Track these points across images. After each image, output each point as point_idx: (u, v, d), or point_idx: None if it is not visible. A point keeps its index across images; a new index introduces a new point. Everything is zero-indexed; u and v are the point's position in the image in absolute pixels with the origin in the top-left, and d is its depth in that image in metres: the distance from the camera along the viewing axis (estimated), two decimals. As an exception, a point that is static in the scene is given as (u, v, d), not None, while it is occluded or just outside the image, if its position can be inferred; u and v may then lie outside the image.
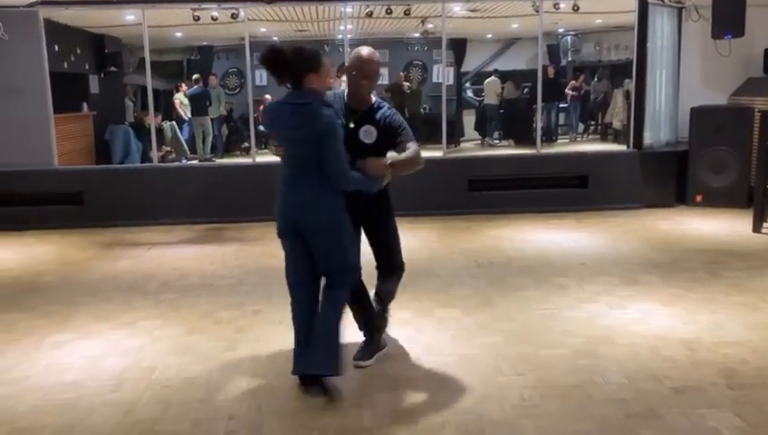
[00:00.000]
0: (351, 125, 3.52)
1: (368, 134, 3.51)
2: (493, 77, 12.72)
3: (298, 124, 3.25)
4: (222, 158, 11.43)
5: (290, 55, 3.26)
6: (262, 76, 14.02)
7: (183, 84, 11.79)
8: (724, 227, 7.02)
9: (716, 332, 4.10)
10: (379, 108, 3.60)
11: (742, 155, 7.80)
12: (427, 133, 10.64)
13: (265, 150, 12.66)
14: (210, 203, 7.87)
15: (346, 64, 3.70)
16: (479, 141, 12.55)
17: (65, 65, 9.76)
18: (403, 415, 3.17)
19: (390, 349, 3.95)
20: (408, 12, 8.87)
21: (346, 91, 3.65)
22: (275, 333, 4.24)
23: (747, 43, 8.19)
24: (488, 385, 3.45)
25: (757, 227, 6.72)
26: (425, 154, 3.80)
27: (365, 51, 3.56)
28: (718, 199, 7.89)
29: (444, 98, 8.93)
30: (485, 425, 3.05)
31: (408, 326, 4.33)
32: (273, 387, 3.49)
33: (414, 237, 6.90)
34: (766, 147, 6.74)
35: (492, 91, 12.50)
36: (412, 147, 3.54)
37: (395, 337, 4.14)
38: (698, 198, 8.04)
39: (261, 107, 12.69)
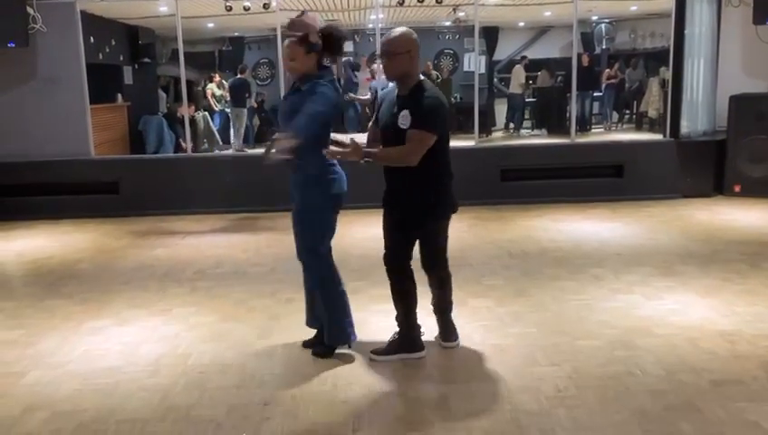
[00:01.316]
0: (395, 110, 3.47)
1: (404, 119, 3.39)
2: (517, 66, 12.52)
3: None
4: (253, 148, 11.50)
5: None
6: (293, 66, 14.09)
7: (216, 75, 11.88)
8: (763, 217, 6.85)
9: (757, 324, 4.01)
10: (417, 93, 3.42)
11: (783, 144, 7.61)
12: (459, 123, 10.58)
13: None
14: (243, 192, 7.92)
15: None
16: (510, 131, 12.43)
17: (100, 57, 9.91)
18: (437, 404, 3.16)
19: (423, 339, 3.94)
20: (440, 0, 8.80)
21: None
22: (308, 322, 4.26)
23: (790, 28, 7.96)
24: (522, 376, 3.42)
25: (799, 218, 6.56)
26: (457, 144, 3.77)
27: (389, 35, 3.49)
28: (757, 189, 7.71)
29: (476, 87, 8.85)
30: (521, 415, 3.03)
31: (441, 316, 4.31)
32: (308, 374, 3.51)
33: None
34: (809, 135, 6.57)
35: (515, 80, 12.32)
36: (407, 143, 3.39)
37: (429, 327, 4.12)
38: (737, 188, 7.86)
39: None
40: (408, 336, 3.72)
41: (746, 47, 8.37)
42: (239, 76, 11.30)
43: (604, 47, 13.15)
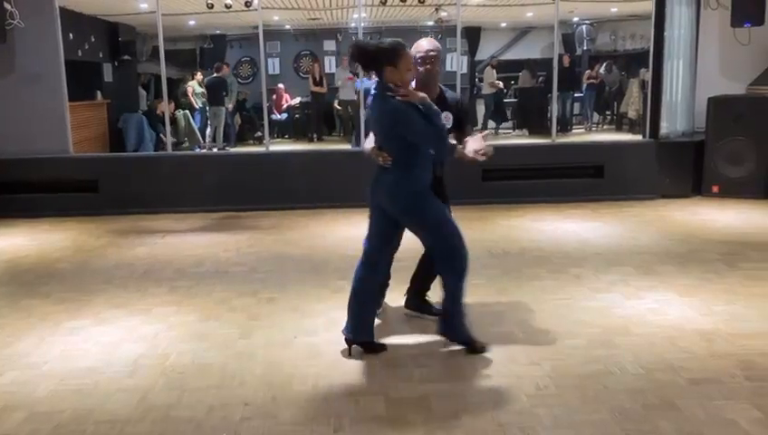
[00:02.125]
0: None
1: (447, 120, 3.64)
2: (487, 67, 12.62)
3: (372, 113, 3.59)
4: (235, 147, 11.45)
5: (370, 50, 3.46)
6: (275, 65, 14.05)
7: (198, 73, 11.81)
8: (741, 217, 6.94)
9: (734, 323, 4.06)
10: (445, 93, 3.83)
11: (760, 145, 7.70)
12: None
13: (278, 139, 12.74)
14: (224, 191, 7.88)
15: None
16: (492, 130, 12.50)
17: (80, 53, 9.81)
18: (417, 403, 3.16)
19: (405, 338, 3.95)
20: (422, 0, 8.81)
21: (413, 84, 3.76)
22: (290, 321, 4.25)
23: (767, 31, 8.07)
24: (503, 375, 3.43)
25: (775, 219, 6.66)
26: None
27: (429, 43, 3.77)
28: (735, 190, 7.81)
29: (458, 87, 8.87)
30: (501, 414, 3.04)
31: (424, 315, 4.31)
32: (289, 375, 3.49)
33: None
34: (785, 137, 6.66)
35: (485, 81, 12.39)
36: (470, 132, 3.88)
37: (409, 326, 4.14)
38: (715, 189, 7.96)
39: (274, 96, 12.76)
40: None
41: (724, 49, 8.47)
42: (216, 75, 11.24)
43: (585, 48, 13.26)
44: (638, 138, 8.81)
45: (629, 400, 3.14)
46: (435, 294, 4.14)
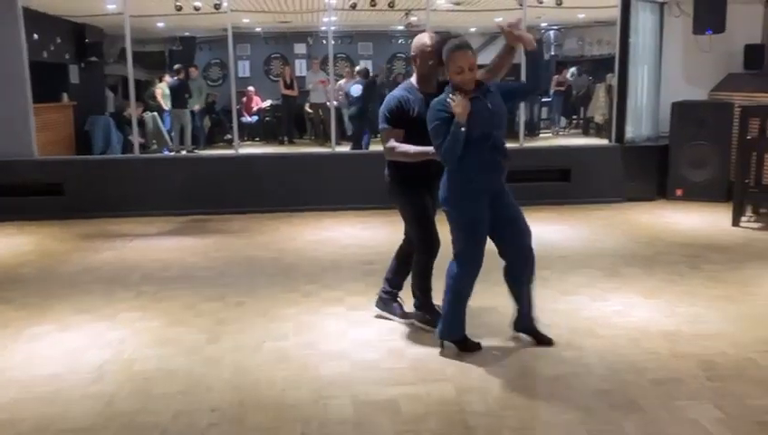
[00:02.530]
0: None
1: None
2: None
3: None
4: (205, 149, 11.35)
5: None
6: (245, 68, 13.98)
7: (166, 75, 11.69)
8: (703, 220, 7.09)
9: (696, 324, 4.15)
10: (442, 84, 3.79)
11: (721, 150, 7.87)
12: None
13: (248, 142, 12.67)
14: (193, 195, 7.81)
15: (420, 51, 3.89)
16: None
17: (45, 54, 9.64)
18: (385, 406, 3.17)
19: (372, 341, 3.96)
20: (392, 4, 8.86)
21: (414, 80, 3.89)
22: (258, 326, 4.23)
23: (727, 39, 8.26)
24: (471, 377, 3.46)
25: (736, 221, 6.81)
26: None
27: (429, 39, 3.83)
28: (698, 194, 7.97)
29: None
30: (468, 417, 3.06)
31: (392, 318, 4.33)
32: (257, 380, 3.47)
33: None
34: (745, 142, 6.82)
35: None
36: None
37: (378, 330, 4.15)
38: (678, 193, 8.11)
39: (244, 99, 12.69)
40: None
41: (687, 56, 8.66)
42: (178, 78, 11.13)
43: (553, 53, 13.42)
44: (605, 142, 8.94)
45: (595, 400, 3.19)
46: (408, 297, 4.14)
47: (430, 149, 3.65)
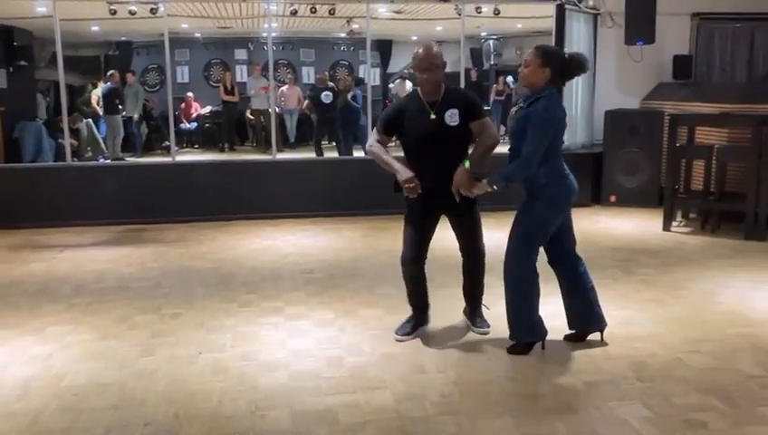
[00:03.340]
0: (433, 116, 3.84)
1: (452, 117, 3.83)
2: (398, 79, 12.87)
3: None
4: (142, 157, 11.09)
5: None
6: (184, 73, 13.74)
7: (101, 80, 11.38)
8: (636, 225, 7.32)
9: (628, 326, 4.27)
10: (450, 91, 3.93)
11: (653, 157, 8.16)
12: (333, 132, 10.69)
13: (187, 149, 12.43)
14: (128, 203, 7.61)
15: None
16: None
17: (-31, 58, 9.24)
18: (323, 415, 3.15)
19: (312, 350, 3.93)
20: (332, 11, 8.84)
21: (420, 88, 3.94)
22: (195, 337, 4.14)
23: (658, 49, 8.58)
24: (410, 383, 3.47)
25: (667, 226, 7.05)
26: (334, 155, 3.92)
27: (419, 50, 3.86)
28: (631, 199, 8.23)
29: (369, 98, 8.95)
30: (406, 423, 3.07)
31: (331, 327, 4.31)
32: (192, 392, 3.40)
33: (339, 238, 6.89)
34: (675, 149, 7.08)
35: (398, 93, 12.48)
36: (486, 125, 3.99)
37: (317, 339, 4.12)
38: (612, 199, 8.36)
39: (183, 105, 12.46)
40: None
41: (619, 65, 8.95)
42: (109, 84, 10.85)
43: (492, 63, 13.66)
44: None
45: (530, 403, 3.24)
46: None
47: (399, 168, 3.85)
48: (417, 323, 4.14)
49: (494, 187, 3.77)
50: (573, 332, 4.03)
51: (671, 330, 4.20)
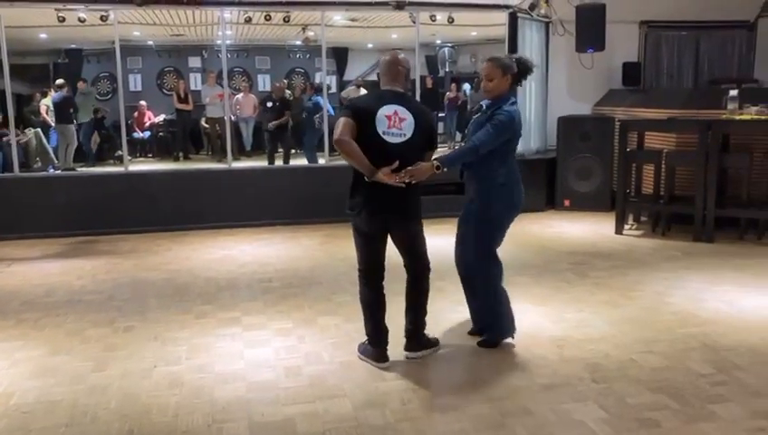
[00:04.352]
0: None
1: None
2: (353, 87, 12.90)
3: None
4: (94, 167, 10.84)
5: None
6: (137, 81, 13.51)
7: (51, 90, 11.09)
8: (589, 229, 7.46)
9: (583, 329, 4.34)
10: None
11: (604, 162, 8.34)
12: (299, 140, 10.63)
13: (140, 158, 12.21)
14: (80, 215, 7.43)
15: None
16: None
17: None
18: (282, 426, 3.12)
19: (270, 361, 3.89)
20: (287, 19, 8.81)
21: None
22: (149, 350, 4.06)
23: (608, 56, 8.78)
24: (369, 391, 3.46)
25: (619, 229, 7.20)
26: (297, 162, 3.87)
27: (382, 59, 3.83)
28: (584, 204, 8.39)
29: (325, 106, 8.94)
30: (365, 431, 3.06)
31: (290, 336, 4.28)
32: (147, 406, 3.33)
33: (297, 246, 6.85)
34: (625, 154, 7.25)
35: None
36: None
37: (275, 349, 4.08)
38: (566, 203, 8.51)
39: (135, 113, 12.24)
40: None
41: (571, 72, 9.12)
42: (61, 92, 10.60)
43: (447, 70, 13.78)
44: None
45: (488, 407, 3.27)
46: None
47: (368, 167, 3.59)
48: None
49: (442, 168, 3.71)
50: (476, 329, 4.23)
51: (624, 331, 4.29)
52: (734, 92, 7.02)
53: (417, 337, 3.91)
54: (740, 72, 9.52)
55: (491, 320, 4.06)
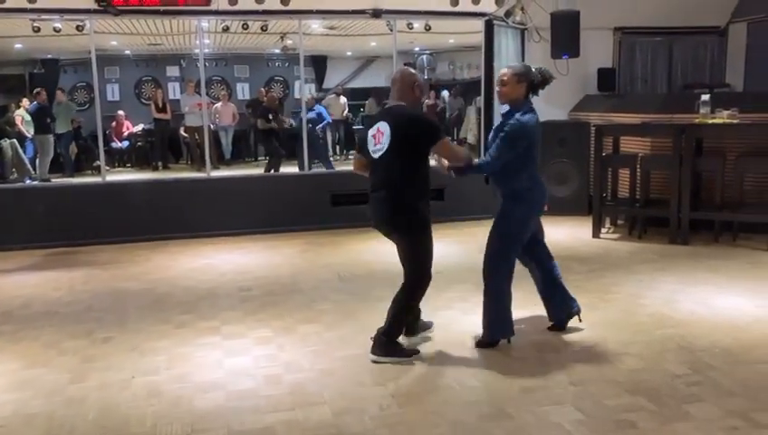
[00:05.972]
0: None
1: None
2: (332, 95, 12.96)
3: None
4: (72, 177, 10.75)
5: None
6: (114, 91, 13.44)
7: (25, 99, 10.99)
8: (567, 233, 7.54)
9: (560, 332, 4.38)
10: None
11: (581, 166, 8.43)
12: (291, 149, 10.61)
13: (119, 169, 12.13)
14: (57, 226, 7.37)
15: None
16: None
17: None
18: (262, 434, 3.13)
19: (249, 369, 3.88)
20: (265, 27, 8.81)
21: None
22: (128, 361, 4.04)
23: (583, 63, 8.89)
24: (348, 398, 3.47)
25: (596, 233, 7.29)
26: (290, 170, 3.96)
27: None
28: (562, 208, 8.44)
29: (304, 113, 8.95)
30: (345, 438, 3.07)
31: (270, 345, 4.28)
32: (125, 416, 3.32)
33: (277, 254, 6.85)
34: (601, 159, 7.34)
35: (332, 109, 12.50)
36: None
37: (255, 357, 4.08)
38: (545, 208, 8.54)
39: (113, 123, 12.16)
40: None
41: (548, 79, 9.19)
42: (37, 102, 10.51)
43: (426, 77, 13.85)
44: (476, 161, 9.29)
45: (467, 412, 3.29)
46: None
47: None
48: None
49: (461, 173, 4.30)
50: (554, 323, 4.40)
51: (602, 333, 4.34)
52: (706, 97, 7.14)
53: (378, 341, 3.98)
54: (712, 76, 9.70)
55: (488, 319, 4.14)
